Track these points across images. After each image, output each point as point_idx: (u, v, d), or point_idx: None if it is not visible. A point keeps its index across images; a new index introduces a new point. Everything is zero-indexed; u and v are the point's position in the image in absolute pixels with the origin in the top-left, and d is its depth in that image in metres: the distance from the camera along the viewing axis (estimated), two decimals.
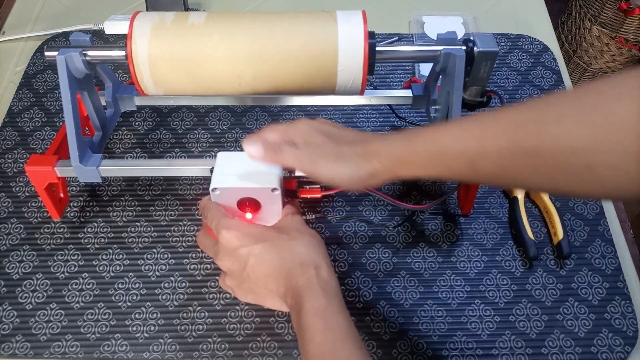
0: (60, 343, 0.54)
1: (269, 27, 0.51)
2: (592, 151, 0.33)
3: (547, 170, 0.35)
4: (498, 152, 0.37)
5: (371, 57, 0.50)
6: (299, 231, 0.45)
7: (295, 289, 0.41)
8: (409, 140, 0.42)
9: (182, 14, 0.52)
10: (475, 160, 0.38)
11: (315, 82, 0.52)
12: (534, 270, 0.59)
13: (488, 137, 0.38)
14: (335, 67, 0.50)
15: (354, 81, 0.51)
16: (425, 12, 0.83)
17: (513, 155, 0.36)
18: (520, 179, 0.38)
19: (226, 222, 0.45)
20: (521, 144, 0.36)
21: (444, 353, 0.54)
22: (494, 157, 0.37)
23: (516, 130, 0.36)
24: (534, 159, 0.35)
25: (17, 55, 0.79)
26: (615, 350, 0.54)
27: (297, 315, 0.40)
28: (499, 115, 0.38)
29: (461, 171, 0.40)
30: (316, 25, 0.51)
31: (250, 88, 0.52)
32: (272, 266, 0.42)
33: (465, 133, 0.39)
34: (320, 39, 0.50)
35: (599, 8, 1.48)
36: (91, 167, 0.53)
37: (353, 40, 0.50)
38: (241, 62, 0.50)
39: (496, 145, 0.37)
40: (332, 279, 0.42)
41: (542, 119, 0.36)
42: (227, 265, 0.44)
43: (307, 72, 0.51)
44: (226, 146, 0.68)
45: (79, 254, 0.60)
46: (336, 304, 0.41)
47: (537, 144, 0.35)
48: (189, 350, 0.54)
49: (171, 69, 0.51)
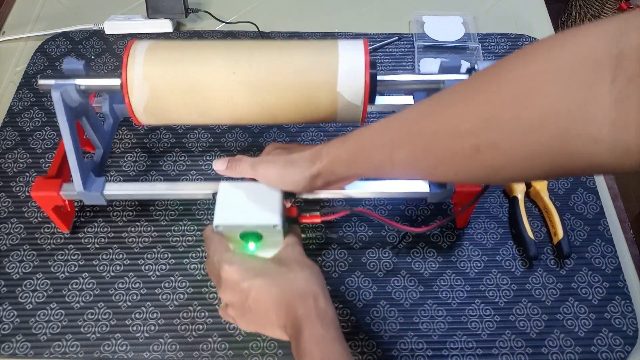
0: (60, 343, 0.54)
1: (268, 57, 0.50)
2: (477, 132, 0.34)
3: (444, 154, 0.37)
4: (409, 140, 0.39)
5: (372, 87, 0.50)
6: (299, 263, 0.46)
7: (294, 319, 0.42)
8: (343, 140, 0.44)
9: (178, 43, 0.52)
10: (392, 151, 0.40)
11: (316, 111, 0.51)
12: (534, 269, 0.59)
13: (399, 128, 0.40)
14: (335, 98, 0.50)
15: (354, 111, 0.51)
16: (425, 12, 0.83)
17: (417, 142, 0.38)
18: (428, 167, 0.39)
19: (228, 256, 0.46)
20: (422, 131, 0.38)
21: (444, 353, 0.54)
22: (405, 146, 0.39)
23: (420, 118, 0.39)
24: (433, 143, 0.37)
25: (17, 55, 0.79)
26: (615, 350, 0.54)
27: (296, 343, 0.42)
28: (410, 108, 0.41)
29: (383, 164, 0.42)
30: (317, 55, 0.50)
31: (248, 118, 0.52)
32: (272, 299, 0.43)
33: (383, 127, 0.42)
34: (320, 69, 0.49)
35: (599, 8, 1.48)
36: (95, 193, 0.54)
37: (354, 71, 0.49)
38: (240, 93, 0.50)
39: (406, 133, 0.39)
40: (329, 308, 0.44)
41: (439, 104, 0.38)
42: (229, 298, 0.45)
43: (308, 102, 0.50)
44: (226, 146, 0.68)
45: (79, 253, 0.60)
46: (333, 332, 0.42)
47: (434, 129, 0.37)
48: (189, 350, 0.54)
49: (168, 99, 0.50)
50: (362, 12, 0.85)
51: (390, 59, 0.77)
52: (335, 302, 0.57)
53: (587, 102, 0.27)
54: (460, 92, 0.37)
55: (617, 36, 0.27)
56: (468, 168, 0.36)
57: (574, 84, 0.28)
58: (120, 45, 0.78)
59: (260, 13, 0.84)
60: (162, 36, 0.79)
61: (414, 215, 0.63)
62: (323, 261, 0.59)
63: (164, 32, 0.80)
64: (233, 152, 0.68)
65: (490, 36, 0.80)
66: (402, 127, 0.40)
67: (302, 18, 0.84)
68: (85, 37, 0.79)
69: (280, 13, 0.84)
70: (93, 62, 0.76)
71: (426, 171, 0.40)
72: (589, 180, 0.65)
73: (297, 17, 0.84)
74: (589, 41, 0.28)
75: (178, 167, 0.66)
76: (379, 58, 0.77)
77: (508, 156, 0.33)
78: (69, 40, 0.79)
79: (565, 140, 0.29)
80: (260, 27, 0.80)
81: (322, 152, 0.45)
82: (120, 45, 0.78)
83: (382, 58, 0.77)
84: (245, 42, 0.52)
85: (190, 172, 0.66)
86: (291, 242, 0.49)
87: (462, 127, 0.35)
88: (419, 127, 0.38)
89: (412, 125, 0.39)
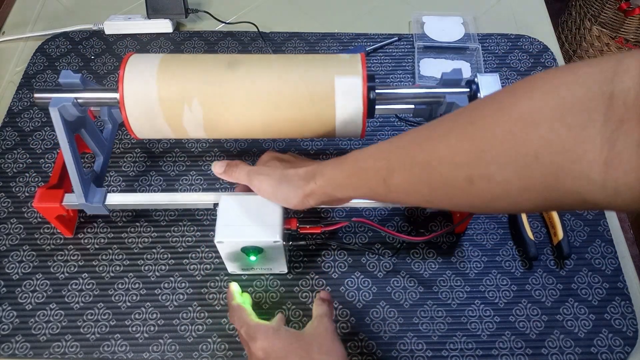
0: (60, 343, 0.54)
1: (265, 71, 0.50)
2: (471, 164, 0.34)
3: (438, 184, 0.37)
4: (402, 167, 0.39)
5: (370, 101, 0.49)
6: (328, 349, 0.45)
7: None
8: (339, 162, 0.45)
9: (177, 56, 0.52)
10: (386, 177, 0.41)
11: (315, 128, 0.51)
12: (534, 270, 0.59)
13: (395, 154, 0.41)
14: (333, 113, 0.50)
15: (354, 126, 0.51)
16: (425, 12, 0.83)
17: (412, 170, 0.39)
18: (424, 195, 0.40)
19: (253, 332, 0.46)
20: (416, 159, 0.38)
21: (444, 353, 0.54)
22: (400, 173, 0.40)
23: (413, 147, 0.39)
24: (426, 173, 0.38)
25: (17, 55, 0.79)
26: (615, 350, 0.54)
27: None
28: (406, 134, 0.41)
29: (378, 189, 0.42)
30: (314, 69, 0.50)
31: (245, 133, 0.52)
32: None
33: (379, 152, 0.42)
34: (318, 84, 0.49)
35: (599, 8, 1.48)
36: (97, 204, 0.54)
37: (352, 85, 0.49)
38: (236, 109, 0.50)
39: (400, 161, 0.40)
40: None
41: (432, 135, 0.38)
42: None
43: (305, 118, 0.50)
44: (226, 146, 0.68)
45: (79, 254, 0.60)
46: None
47: (427, 159, 0.37)
48: (188, 350, 0.54)
49: (165, 114, 0.50)
50: (362, 12, 0.85)
51: (390, 59, 0.77)
52: (335, 302, 0.57)
53: (580, 142, 0.28)
54: (455, 122, 0.37)
55: (610, 77, 0.28)
56: (462, 198, 0.36)
57: (568, 123, 0.29)
58: (120, 46, 0.78)
59: (260, 13, 0.84)
60: (162, 36, 0.79)
61: (413, 218, 0.62)
62: (323, 262, 0.59)
63: (163, 32, 0.80)
64: (232, 152, 0.68)
65: (490, 36, 0.80)
66: (398, 153, 0.40)
67: (302, 18, 0.84)
68: (85, 37, 0.79)
69: (280, 13, 0.84)
70: (93, 62, 0.76)
71: (422, 199, 0.41)
72: None
73: (297, 17, 0.84)
74: (585, 81, 0.29)
75: (178, 167, 0.66)
76: (379, 58, 0.77)
77: (502, 188, 0.33)
78: (69, 41, 0.79)
79: (558, 177, 0.30)
80: (260, 28, 0.80)
81: (317, 172, 0.46)
82: (120, 45, 0.78)
83: (382, 59, 0.77)
84: (242, 56, 0.52)
85: (190, 173, 0.66)
86: (323, 314, 0.48)
87: (456, 159, 0.35)
88: (413, 155, 0.39)
89: (407, 152, 0.40)
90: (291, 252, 0.59)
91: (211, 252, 0.60)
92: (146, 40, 0.79)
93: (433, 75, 0.75)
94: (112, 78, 0.75)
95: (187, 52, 0.78)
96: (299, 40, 0.79)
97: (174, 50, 0.78)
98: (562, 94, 0.30)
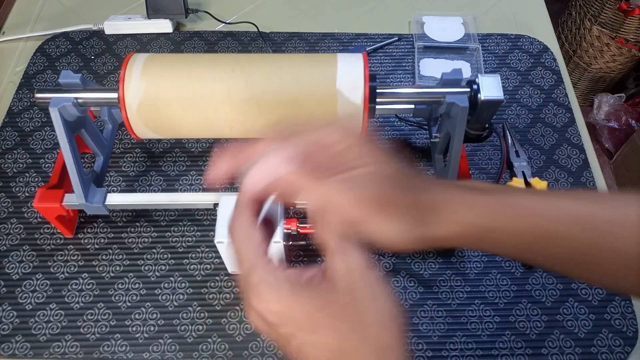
0: (60, 343, 0.54)
1: (266, 72, 0.50)
2: (593, 254, 0.33)
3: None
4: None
5: (372, 100, 0.49)
6: (373, 302, 0.29)
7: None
8: (500, 204, 0.32)
9: (176, 56, 0.52)
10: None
11: None
12: (534, 270, 0.59)
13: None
14: (335, 112, 0.49)
15: (355, 125, 0.51)
16: (425, 12, 0.83)
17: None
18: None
19: (257, 282, 0.30)
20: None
21: (444, 353, 0.54)
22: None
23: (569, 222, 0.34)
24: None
25: (17, 55, 0.79)
26: (615, 350, 0.54)
27: None
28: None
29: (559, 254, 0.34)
30: (315, 69, 0.50)
31: (246, 133, 0.52)
32: (330, 356, 0.29)
33: (573, 220, 0.33)
34: (319, 84, 0.49)
35: (599, 8, 1.48)
36: (97, 205, 0.54)
37: (353, 85, 0.49)
38: (237, 108, 0.50)
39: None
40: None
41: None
42: (258, 327, 0.31)
43: (306, 116, 0.50)
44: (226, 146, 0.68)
45: (79, 254, 0.60)
46: None
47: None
48: (188, 350, 0.54)
49: (165, 113, 0.50)
50: (362, 12, 0.85)
51: (390, 59, 0.77)
52: None
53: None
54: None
55: None
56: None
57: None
58: (120, 46, 0.78)
59: (260, 13, 0.84)
60: (162, 36, 0.79)
61: None
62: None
63: (163, 32, 0.80)
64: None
65: (490, 36, 0.80)
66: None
67: (302, 18, 0.83)
68: (85, 37, 0.79)
69: (280, 13, 0.84)
70: (93, 62, 0.76)
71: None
72: (588, 181, 0.65)
73: (297, 17, 0.84)
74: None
75: (178, 167, 0.66)
76: (379, 59, 0.77)
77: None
78: (69, 41, 0.79)
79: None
80: (260, 28, 0.80)
81: (459, 209, 0.32)
82: (120, 45, 0.78)
83: (382, 59, 0.77)
84: (242, 56, 0.52)
85: (190, 173, 0.66)
86: (357, 264, 0.31)
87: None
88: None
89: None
90: (291, 252, 0.59)
91: (211, 252, 0.60)
92: (146, 40, 0.79)
93: (433, 75, 0.75)
94: (112, 78, 0.75)
95: (187, 52, 0.78)
96: (299, 40, 0.79)
97: (174, 51, 0.78)
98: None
